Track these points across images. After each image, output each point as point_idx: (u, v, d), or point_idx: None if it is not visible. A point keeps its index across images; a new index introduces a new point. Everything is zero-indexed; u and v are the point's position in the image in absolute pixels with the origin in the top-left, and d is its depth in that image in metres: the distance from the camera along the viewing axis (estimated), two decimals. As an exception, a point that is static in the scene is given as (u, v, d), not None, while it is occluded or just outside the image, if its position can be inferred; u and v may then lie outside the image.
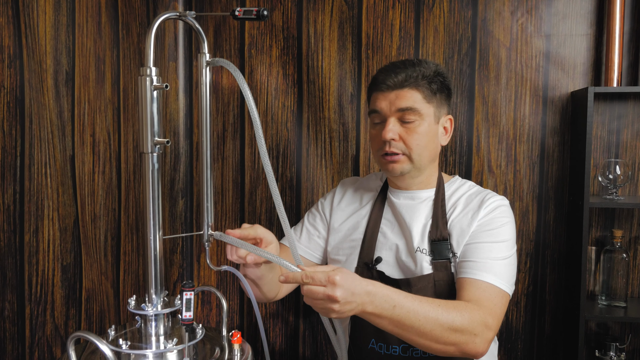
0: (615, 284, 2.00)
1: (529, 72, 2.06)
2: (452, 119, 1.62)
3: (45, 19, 2.11)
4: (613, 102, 2.05)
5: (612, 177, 1.98)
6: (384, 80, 1.53)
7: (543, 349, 2.12)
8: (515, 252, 1.54)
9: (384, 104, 1.53)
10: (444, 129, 1.59)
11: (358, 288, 1.21)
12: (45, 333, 2.23)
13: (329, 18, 2.09)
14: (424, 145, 1.53)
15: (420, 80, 1.51)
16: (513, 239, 1.54)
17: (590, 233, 2.09)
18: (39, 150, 2.17)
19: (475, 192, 1.61)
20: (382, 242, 1.61)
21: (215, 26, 2.14)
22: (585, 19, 2.04)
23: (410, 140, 1.51)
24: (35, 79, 2.13)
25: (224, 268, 1.40)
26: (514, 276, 1.50)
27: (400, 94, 1.51)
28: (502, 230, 1.51)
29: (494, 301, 1.40)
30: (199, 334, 1.29)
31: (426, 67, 1.54)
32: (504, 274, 1.45)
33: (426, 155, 1.55)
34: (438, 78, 1.54)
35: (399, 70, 1.52)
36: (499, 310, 1.41)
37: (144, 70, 1.21)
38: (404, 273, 1.55)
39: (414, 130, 1.51)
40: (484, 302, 1.38)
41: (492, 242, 1.48)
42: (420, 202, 1.60)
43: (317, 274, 1.19)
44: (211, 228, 1.40)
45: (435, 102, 1.54)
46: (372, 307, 1.23)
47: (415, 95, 1.51)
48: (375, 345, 1.54)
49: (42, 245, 2.20)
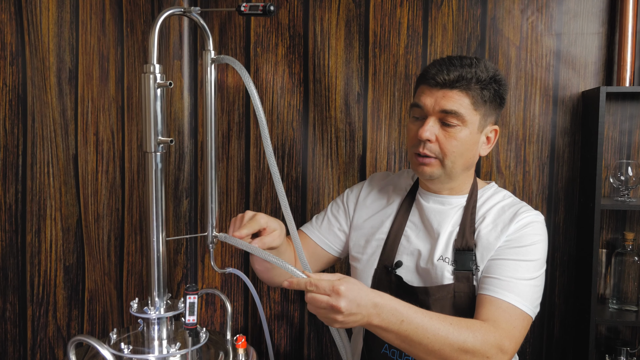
0: (626, 288, 1.97)
1: (539, 72, 2.03)
2: (498, 130, 1.52)
3: (48, 15, 2.08)
4: (625, 102, 2.02)
5: (624, 179, 1.95)
6: (435, 76, 1.42)
7: (552, 353, 2.09)
8: (543, 273, 1.45)
9: (428, 101, 1.43)
10: (486, 139, 1.50)
11: (365, 300, 1.17)
12: (47, 334, 2.21)
13: (335, 16, 2.07)
14: (460, 153, 1.44)
15: (473, 85, 1.41)
16: (543, 258, 1.44)
17: (601, 235, 2.06)
18: (41, 149, 2.15)
19: (509, 203, 1.51)
20: (404, 246, 1.54)
21: (220, 24, 2.12)
22: (597, 17, 2.01)
23: (446, 145, 1.43)
24: (38, 77, 2.11)
25: (229, 270, 1.37)
26: (539, 298, 1.42)
27: (448, 94, 1.41)
28: (532, 249, 1.42)
29: (513, 323, 1.33)
30: (203, 338, 1.26)
31: (483, 70, 1.43)
32: (529, 295, 1.37)
33: (460, 163, 1.46)
34: (493, 85, 1.44)
35: (452, 67, 1.41)
36: (518, 333, 1.34)
37: (147, 68, 1.19)
38: (423, 281, 1.49)
39: (453, 136, 1.42)
40: (501, 324, 1.32)
41: (520, 260, 1.40)
42: (450, 208, 1.52)
43: (321, 282, 1.15)
44: (215, 229, 1.38)
45: (483, 110, 1.44)
46: (379, 320, 1.19)
47: (463, 100, 1.41)
48: (388, 350, 1.50)
49: (45, 245, 2.18)
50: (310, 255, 1.66)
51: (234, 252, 2.16)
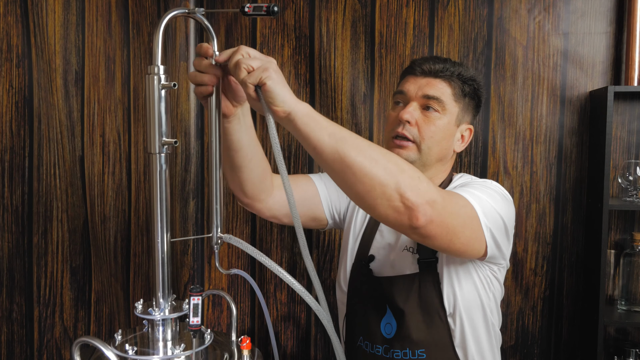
0: (635, 289, 1.96)
1: (546, 71, 2.02)
2: (472, 130, 1.55)
3: (54, 17, 2.09)
4: (633, 102, 2.01)
5: (632, 179, 1.93)
6: (420, 64, 1.49)
7: (560, 355, 2.08)
8: (502, 219, 1.34)
9: (412, 87, 1.48)
10: (461, 136, 1.53)
11: (287, 91, 1.11)
12: (54, 335, 2.21)
13: (341, 17, 2.06)
14: (437, 140, 1.46)
15: (456, 77, 1.48)
16: (507, 214, 1.36)
17: (610, 236, 2.04)
18: (47, 151, 2.16)
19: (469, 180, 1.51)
20: (378, 241, 1.56)
21: (226, 26, 2.12)
22: (604, 17, 2.00)
23: (425, 130, 1.45)
24: (44, 79, 2.12)
25: (234, 271, 1.37)
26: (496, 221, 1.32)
27: (432, 82, 1.47)
28: (480, 181, 1.43)
29: (452, 193, 1.27)
30: (208, 340, 1.26)
31: (465, 69, 1.50)
32: (485, 206, 1.30)
33: (436, 151, 1.47)
34: (473, 83, 1.51)
35: (438, 60, 1.49)
36: (458, 200, 1.25)
37: (151, 69, 1.18)
38: (394, 272, 1.49)
39: (433, 122, 1.45)
40: (444, 192, 1.23)
41: (468, 184, 1.39)
42: None
43: (254, 52, 1.16)
44: (221, 230, 1.37)
45: (462, 105, 1.49)
46: (302, 118, 1.11)
47: (446, 89, 1.47)
48: (362, 342, 1.51)
49: (51, 246, 2.18)
50: (302, 200, 1.60)
51: (240, 253, 2.15)
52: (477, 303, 1.44)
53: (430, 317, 1.42)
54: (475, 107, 1.54)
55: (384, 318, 1.48)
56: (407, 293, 1.43)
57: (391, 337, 1.45)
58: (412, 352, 1.43)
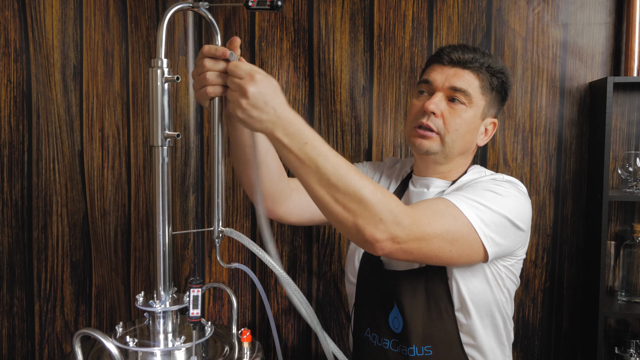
0: (636, 280, 1.96)
1: (545, 63, 2.01)
2: (496, 124, 1.53)
3: (52, 12, 2.08)
4: (633, 93, 2.01)
5: (632, 170, 1.93)
6: (449, 53, 1.44)
7: (561, 346, 2.08)
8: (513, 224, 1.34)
9: (438, 77, 1.44)
10: (484, 130, 1.50)
11: (274, 102, 1.10)
12: (55, 330, 2.21)
13: (340, 9, 2.05)
14: (462, 133, 1.44)
15: (485, 69, 1.44)
16: (516, 208, 1.35)
17: (610, 227, 2.04)
18: (46, 146, 2.15)
19: (484, 176, 1.48)
20: None
21: (225, 19, 2.11)
22: (604, 7, 2.00)
23: (450, 122, 1.42)
24: (42, 74, 2.11)
25: (234, 265, 1.37)
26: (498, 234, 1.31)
27: (460, 72, 1.43)
28: (491, 183, 1.37)
29: (434, 211, 1.24)
30: (208, 332, 1.26)
31: (495, 61, 1.46)
32: (481, 210, 1.28)
33: (459, 144, 1.45)
34: (501, 76, 1.47)
35: (468, 50, 1.44)
36: (435, 223, 1.22)
37: (155, 62, 1.18)
38: (402, 265, 1.46)
39: (458, 114, 1.42)
40: (419, 206, 1.24)
41: (471, 187, 1.36)
42: (432, 192, 1.50)
43: (243, 65, 1.12)
44: (222, 224, 1.37)
45: (489, 98, 1.46)
46: (283, 133, 1.11)
47: (474, 81, 1.43)
48: (370, 335, 1.51)
49: (51, 241, 2.18)
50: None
51: (241, 247, 2.15)
52: (489, 298, 1.41)
53: (438, 313, 1.41)
54: (501, 101, 1.52)
55: (391, 312, 1.46)
56: (413, 288, 1.42)
57: (399, 332, 1.44)
58: (419, 349, 1.42)
